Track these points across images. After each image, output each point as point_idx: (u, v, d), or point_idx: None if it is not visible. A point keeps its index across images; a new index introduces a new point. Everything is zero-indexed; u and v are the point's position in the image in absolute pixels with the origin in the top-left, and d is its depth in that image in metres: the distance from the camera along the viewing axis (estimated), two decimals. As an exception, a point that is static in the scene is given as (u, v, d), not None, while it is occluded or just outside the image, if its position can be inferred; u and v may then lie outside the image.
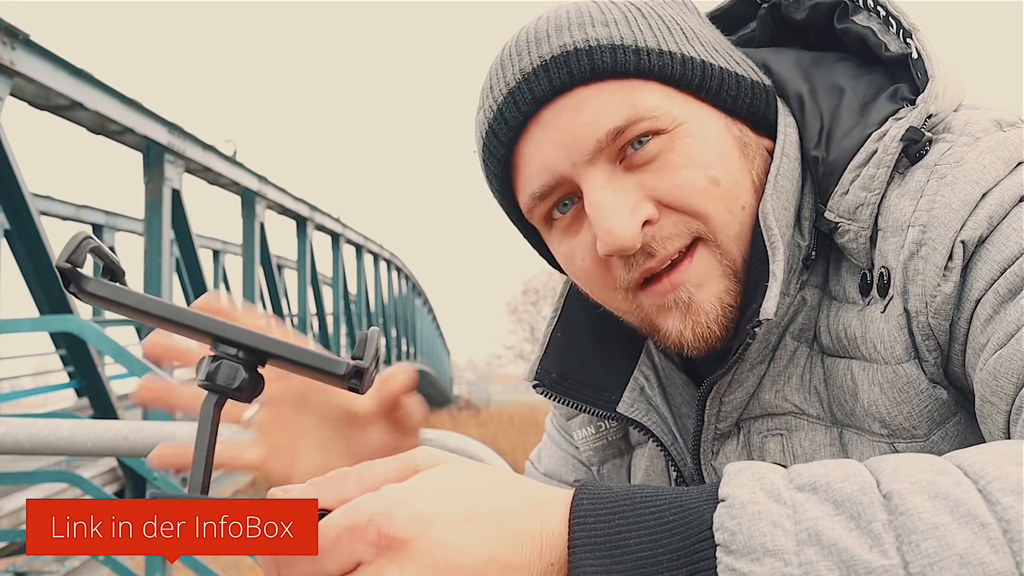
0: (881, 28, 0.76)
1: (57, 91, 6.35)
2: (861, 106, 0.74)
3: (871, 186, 0.70)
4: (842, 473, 0.46)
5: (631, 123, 0.70)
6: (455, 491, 0.47)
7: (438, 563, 0.45)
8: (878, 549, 0.42)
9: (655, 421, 0.84)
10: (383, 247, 22.00)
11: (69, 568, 5.78)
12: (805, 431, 0.76)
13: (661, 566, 0.44)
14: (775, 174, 0.73)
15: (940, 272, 0.65)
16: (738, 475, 0.47)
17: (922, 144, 0.69)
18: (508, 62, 0.74)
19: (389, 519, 0.45)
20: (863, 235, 0.70)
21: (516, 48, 0.74)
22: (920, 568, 0.41)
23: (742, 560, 0.43)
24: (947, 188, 0.66)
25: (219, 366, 0.52)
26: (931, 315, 0.66)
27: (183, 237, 9.23)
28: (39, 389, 9.07)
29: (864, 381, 0.71)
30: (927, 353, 0.68)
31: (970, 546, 0.40)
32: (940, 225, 0.65)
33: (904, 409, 0.69)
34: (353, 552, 0.45)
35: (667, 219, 0.72)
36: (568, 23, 0.73)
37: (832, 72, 0.78)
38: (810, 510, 0.44)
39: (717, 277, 0.73)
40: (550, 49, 0.71)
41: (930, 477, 0.44)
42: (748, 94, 0.76)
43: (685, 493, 0.48)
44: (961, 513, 0.42)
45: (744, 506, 0.44)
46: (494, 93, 0.75)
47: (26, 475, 5.32)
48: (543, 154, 0.73)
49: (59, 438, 1.89)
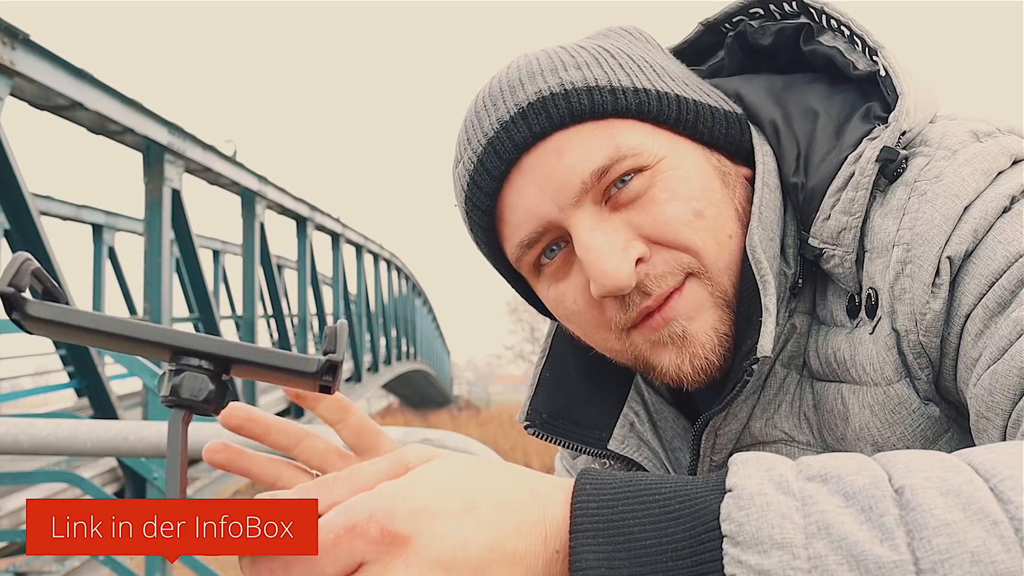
0: (847, 47, 0.76)
1: (57, 91, 6.34)
2: (836, 128, 0.74)
3: (851, 209, 0.69)
4: (853, 466, 0.45)
5: (614, 162, 0.71)
6: (454, 483, 0.47)
7: (443, 556, 0.44)
8: (889, 544, 0.41)
9: (647, 456, 0.84)
10: (383, 247, 21.99)
11: (69, 568, 5.78)
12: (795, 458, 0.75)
13: (665, 555, 0.44)
14: (758, 205, 0.73)
15: (928, 289, 0.65)
16: (746, 465, 0.46)
17: (898, 163, 0.68)
18: (484, 112, 0.74)
19: (390, 515, 0.45)
20: (848, 259, 0.70)
21: (490, 98, 0.74)
22: (931, 564, 0.40)
23: (749, 552, 0.42)
24: (928, 205, 0.66)
25: (183, 378, 0.49)
26: (921, 333, 0.66)
27: (183, 237, 9.22)
28: (39, 389, 9.06)
29: (855, 404, 0.71)
30: (919, 371, 0.67)
31: (982, 544, 0.40)
32: (924, 242, 0.65)
33: (897, 430, 0.69)
34: (355, 552, 0.44)
35: (658, 256, 0.72)
36: (540, 69, 0.73)
37: (805, 95, 0.78)
38: (820, 502, 0.43)
39: (709, 308, 0.73)
40: (526, 96, 0.72)
41: (942, 473, 0.44)
42: (723, 124, 0.76)
43: (691, 482, 0.47)
44: (973, 511, 0.41)
45: (752, 497, 0.44)
46: (472, 145, 0.74)
47: (26, 475, 5.31)
48: (527, 201, 0.73)
49: (59, 438, 1.89)
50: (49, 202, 10.64)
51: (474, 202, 0.75)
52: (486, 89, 0.76)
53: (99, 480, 6.84)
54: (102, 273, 12.37)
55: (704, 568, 0.43)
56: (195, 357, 0.50)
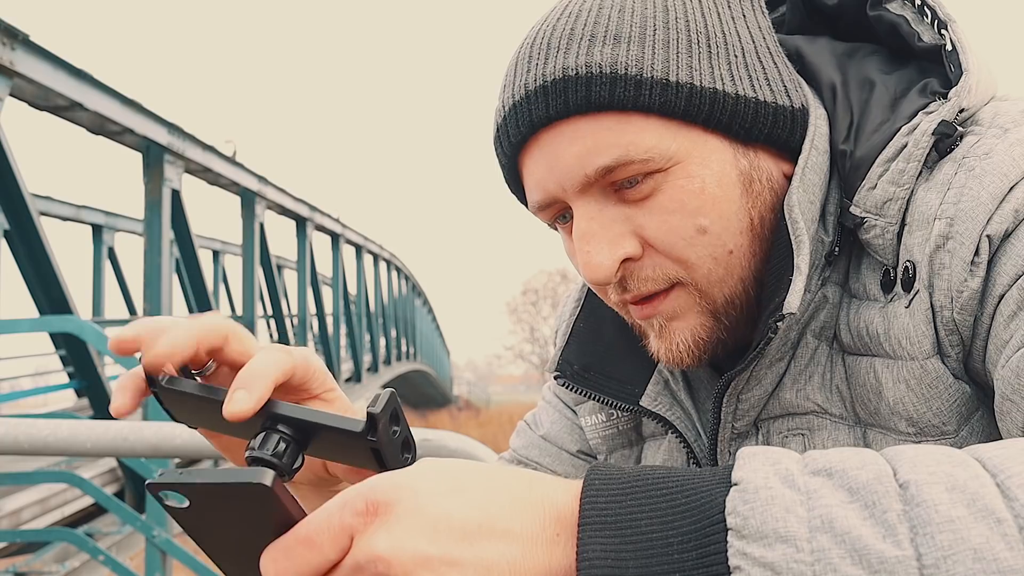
0: (915, 17, 0.74)
1: (57, 91, 6.34)
2: (892, 101, 0.72)
3: (900, 180, 0.68)
4: (858, 461, 0.45)
5: (620, 165, 0.69)
6: (444, 470, 0.49)
7: (427, 523, 0.46)
8: (892, 539, 0.41)
9: (679, 416, 0.82)
10: (383, 247, 21.99)
11: (69, 568, 5.77)
12: (828, 430, 0.74)
13: (671, 548, 0.44)
14: (803, 166, 0.71)
15: (967, 267, 0.63)
16: (752, 459, 0.46)
17: (954, 139, 0.67)
18: (522, 66, 0.73)
19: (373, 488, 0.47)
20: (890, 231, 0.68)
21: (531, 50, 0.73)
22: (933, 560, 0.40)
23: (753, 545, 0.42)
24: (975, 181, 0.64)
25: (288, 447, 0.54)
26: (956, 311, 0.64)
27: (183, 237, 9.22)
28: (39, 389, 9.06)
29: (888, 379, 0.69)
30: (950, 348, 0.66)
31: (985, 541, 0.40)
32: (967, 219, 0.63)
33: (933, 405, 0.67)
34: (345, 526, 0.46)
35: (648, 259, 0.72)
36: (581, 32, 0.70)
37: (864, 65, 0.76)
38: (824, 496, 0.43)
39: (693, 314, 0.73)
40: (553, 69, 0.70)
41: (948, 469, 0.43)
42: (767, 122, 0.72)
43: (698, 475, 0.47)
44: (978, 507, 0.41)
45: (757, 491, 0.44)
46: (504, 98, 0.74)
47: (26, 475, 5.31)
48: (539, 175, 0.73)
49: (59, 438, 1.89)
50: (49, 202, 10.64)
51: (500, 152, 0.77)
52: (536, 31, 0.75)
53: (99, 480, 6.83)
54: (102, 273, 12.37)
55: (709, 560, 0.43)
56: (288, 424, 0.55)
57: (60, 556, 5.86)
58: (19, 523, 6.04)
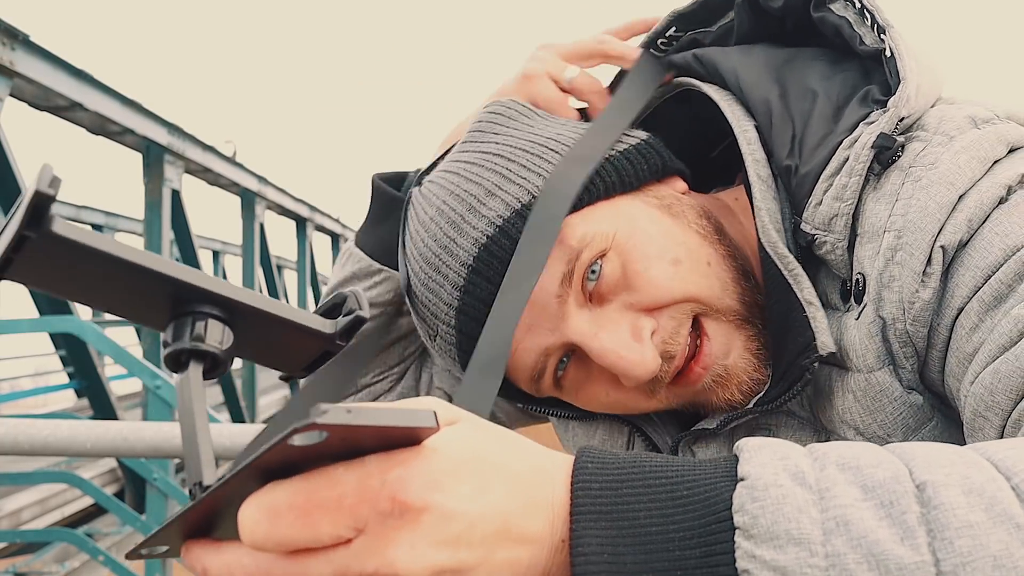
0: (857, 19, 0.74)
1: (57, 92, 6.33)
2: (834, 111, 0.72)
3: (844, 196, 0.68)
4: (872, 457, 0.43)
5: (573, 262, 0.71)
6: (471, 459, 0.43)
7: (449, 537, 0.40)
8: (910, 543, 0.39)
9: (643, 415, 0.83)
10: (383, 247, 21.95)
11: (69, 568, 5.77)
12: (793, 429, 0.75)
13: (672, 543, 0.41)
14: (759, 206, 0.73)
15: (918, 277, 0.63)
16: (758, 453, 0.44)
17: (893, 150, 0.67)
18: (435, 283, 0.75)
19: (404, 486, 0.40)
20: (840, 246, 0.69)
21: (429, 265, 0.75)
22: (951, 567, 0.38)
23: (764, 547, 0.40)
24: (922, 191, 0.64)
25: (207, 325, 0.45)
26: (909, 322, 0.65)
27: (183, 237, 9.21)
28: (39, 390, 9.06)
29: (838, 388, 0.70)
30: (904, 360, 0.66)
31: (1004, 548, 0.39)
32: (916, 230, 0.64)
33: (878, 417, 0.68)
34: (358, 518, 0.40)
35: (663, 318, 0.72)
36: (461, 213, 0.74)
37: (805, 74, 0.76)
38: (838, 496, 0.41)
39: (735, 334, 0.73)
40: (468, 251, 0.72)
41: (963, 470, 0.42)
42: (642, 161, 0.77)
43: (699, 467, 0.44)
44: (996, 512, 0.40)
45: (767, 488, 0.41)
46: (441, 317, 0.76)
47: (26, 476, 5.31)
48: (521, 343, 0.73)
49: (59, 439, 1.89)
50: (49, 202, 10.61)
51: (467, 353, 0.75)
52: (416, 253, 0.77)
53: (99, 481, 6.83)
54: (102, 273, 12.34)
55: (714, 560, 0.41)
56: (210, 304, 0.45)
57: (60, 556, 5.86)
58: (19, 523, 6.04)
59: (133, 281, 0.44)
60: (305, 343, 0.51)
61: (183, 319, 0.46)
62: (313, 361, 0.53)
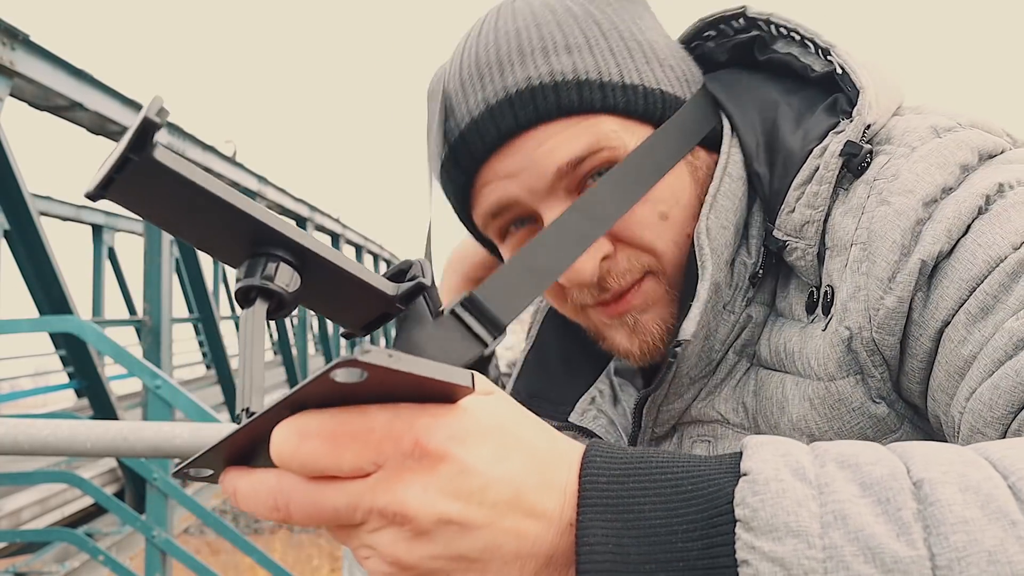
0: (801, 51, 0.78)
1: (57, 91, 6.33)
2: (796, 117, 0.75)
3: (815, 203, 0.70)
4: (871, 455, 0.44)
5: (591, 152, 0.73)
6: (498, 427, 0.44)
7: (464, 488, 0.42)
8: (905, 538, 0.40)
9: (602, 424, 0.87)
10: (383, 247, 21.99)
11: (69, 568, 5.78)
12: (730, 439, 0.77)
13: (675, 536, 0.42)
14: (714, 194, 0.75)
15: (882, 285, 0.64)
16: (761, 449, 0.45)
17: (862, 157, 0.69)
18: (471, 85, 0.75)
19: (429, 433, 0.42)
20: (810, 253, 0.71)
21: (477, 69, 0.75)
22: (947, 562, 0.39)
23: (763, 539, 0.41)
24: (884, 205, 0.66)
25: (278, 266, 0.48)
26: (875, 329, 0.65)
27: (183, 237, 9.22)
28: (39, 390, 9.07)
29: (795, 396, 0.71)
30: (872, 369, 0.67)
31: (999, 543, 0.39)
32: (878, 239, 0.65)
33: (835, 425, 0.69)
34: (380, 454, 0.42)
35: (621, 254, 0.75)
36: (531, 47, 0.74)
37: (764, 88, 0.79)
38: (837, 491, 0.42)
39: (663, 304, 0.77)
40: (515, 81, 0.73)
41: (960, 468, 0.43)
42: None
43: (704, 462, 0.45)
44: (992, 509, 0.40)
45: (768, 482, 0.42)
46: (457, 117, 0.76)
47: (26, 475, 5.31)
48: (500, 182, 0.75)
49: (59, 438, 1.89)
50: (49, 202, 10.63)
51: (450, 174, 0.78)
52: (473, 52, 0.76)
53: (99, 480, 6.83)
54: (102, 273, 12.37)
55: (715, 552, 0.42)
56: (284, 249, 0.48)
57: (60, 556, 5.87)
58: (19, 523, 6.04)
59: (219, 216, 0.47)
60: (367, 301, 0.53)
61: (257, 259, 0.48)
62: (371, 321, 0.56)
